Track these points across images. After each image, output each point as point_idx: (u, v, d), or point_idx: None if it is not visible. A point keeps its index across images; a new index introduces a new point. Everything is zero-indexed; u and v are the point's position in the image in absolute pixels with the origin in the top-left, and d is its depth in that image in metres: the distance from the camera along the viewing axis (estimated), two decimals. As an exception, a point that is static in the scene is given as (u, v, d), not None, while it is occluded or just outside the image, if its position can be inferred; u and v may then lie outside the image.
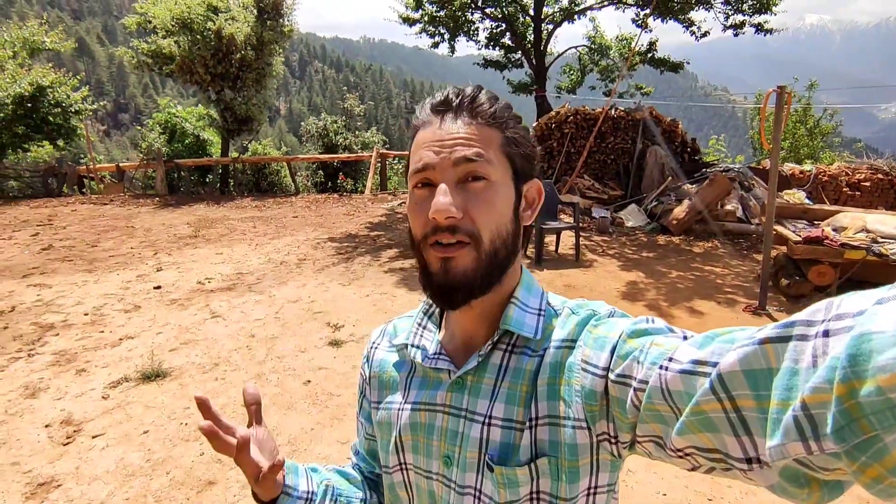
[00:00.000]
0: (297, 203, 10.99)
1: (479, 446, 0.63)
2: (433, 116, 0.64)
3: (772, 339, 0.37)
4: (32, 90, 11.92)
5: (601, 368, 0.55)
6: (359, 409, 0.84)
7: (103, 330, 4.33)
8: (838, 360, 0.31)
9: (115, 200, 11.12)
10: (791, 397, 0.35)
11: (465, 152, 0.60)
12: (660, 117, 9.90)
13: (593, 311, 0.63)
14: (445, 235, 0.60)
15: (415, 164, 0.63)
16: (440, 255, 0.61)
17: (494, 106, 0.63)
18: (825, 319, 0.35)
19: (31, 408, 3.15)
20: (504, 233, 0.62)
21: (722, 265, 6.51)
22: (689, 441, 0.44)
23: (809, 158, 13.43)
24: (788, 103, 4.59)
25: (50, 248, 7.05)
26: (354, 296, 5.16)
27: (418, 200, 0.62)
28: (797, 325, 0.36)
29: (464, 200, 0.60)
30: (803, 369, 0.35)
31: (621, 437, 0.54)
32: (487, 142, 0.62)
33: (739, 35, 11.25)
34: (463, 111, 0.63)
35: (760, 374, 0.38)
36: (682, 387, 0.44)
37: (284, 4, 12.67)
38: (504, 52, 13.56)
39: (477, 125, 0.62)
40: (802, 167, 9.72)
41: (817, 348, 0.34)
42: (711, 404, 0.41)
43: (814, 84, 15.63)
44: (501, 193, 0.62)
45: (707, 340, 0.45)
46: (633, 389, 0.50)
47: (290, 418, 3.05)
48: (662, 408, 0.46)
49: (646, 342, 0.51)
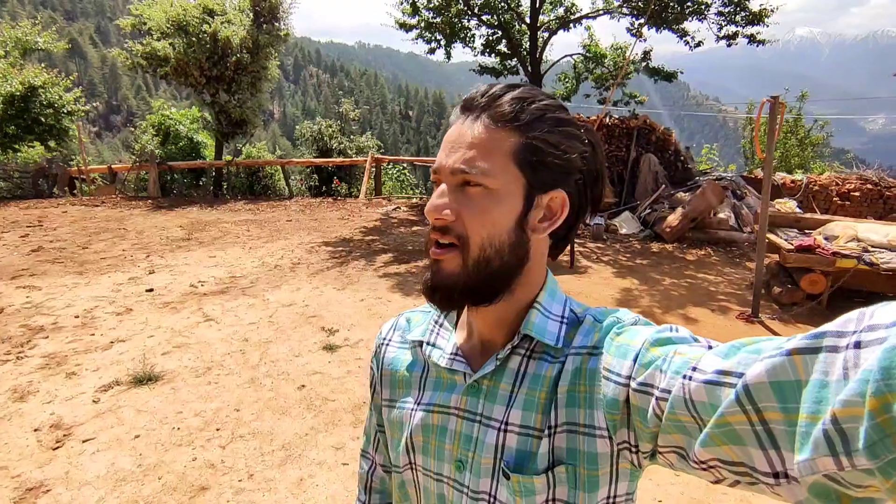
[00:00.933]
0: (292, 207, 10.95)
1: (495, 452, 0.62)
2: (459, 115, 0.63)
3: (801, 351, 0.36)
4: (24, 90, 11.82)
5: (623, 377, 0.53)
6: (371, 405, 0.83)
7: (94, 333, 4.28)
8: (871, 372, 0.30)
9: (106, 202, 11.02)
10: (821, 411, 0.34)
11: (458, 161, 0.59)
12: (653, 126, 9.99)
13: (617, 319, 0.61)
14: (438, 235, 0.61)
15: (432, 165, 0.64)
16: (432, 255, 0.62)
17: (518, 106, 0.59)
18: (857, 330, 0.33)
19: (19, 411, 3.09)
20: (498, 242, 0.60)
21: (715, 273, 6.56)
22: (714, 453, 0.43)
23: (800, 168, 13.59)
24: (781, 113, 4.65)
25: (40, 249, 6.96)
26: (349, 300, 5.14)
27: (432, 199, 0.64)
28: (827, 335, 0.35)
29: (458, 204, 0.59)
30: (833, 382, 0.34)
31: (642, 447, 0.53)
32: (494, 148, 0.59)
33: (732, 46, 11.38)
34: (482, 111, 0.60)
35: (788, 387, 0.37)
36: (706, 397, 0.43)
37: (280, 8, 12.68)
38: (500, 59, 13.62)
39: (489, 129, 0.59)
40: (793, 177, 9.83)
41: (848, 360, 0.33)
42: (737, 416, 0.40)
43: (804, 95, 15.85)
44: (500, 202, 0.59)
45: (732, 350, 0.44)
46: (655, 398, 0.49)
47: (285, 423, 3.02)
48: (685, 418, 0.45)
49: (669, 351, 0.50)
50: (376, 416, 0.81)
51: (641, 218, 8.86)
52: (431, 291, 0.62)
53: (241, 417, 3.07)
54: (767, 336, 0.43)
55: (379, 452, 0.84)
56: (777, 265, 5.63)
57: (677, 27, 11.19)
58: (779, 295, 5.35)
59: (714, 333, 4.59)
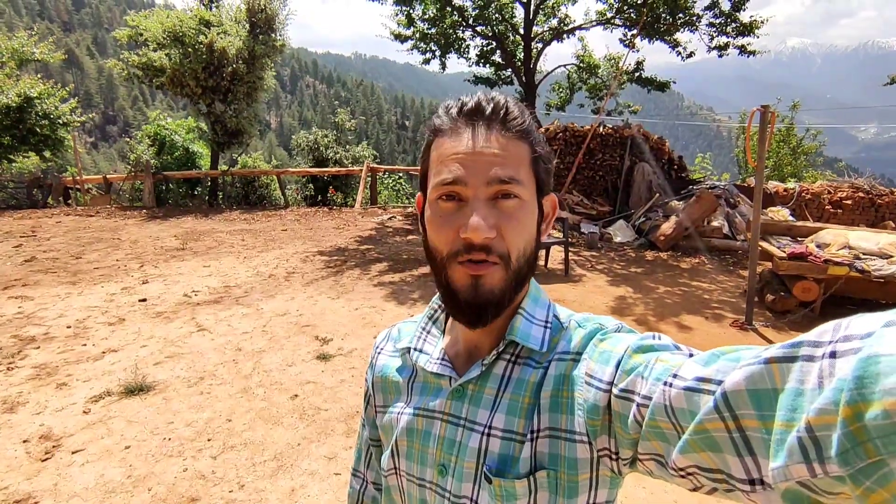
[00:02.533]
0: (287, 216, 10.95)
1: (478, 457, 0.62)
2: (463, 125, 0.61)
3: (778, 359, 0.37)
4: (20, 101, 11.82)
5: (605, 383, 0.54)
6: (363, 418, 0.83)
7: (86, 343, 4.25)
8: (845, 381, 0.30)
9: (101, 212, 10.99)
10: (796, 418, 0.34)
11: (499, 172, 0.58)
12: (647, 135, 10.07)
13: (600, 325, 0.62)
14: (480, 254, 0.58)
15: (442, 176, 0.60)
16: (471, 272, 0.59)
17: (525, 118, 0.61)
18: (832, 340, 0.34)
19: (8, 422, 3.06)
20: (529, 250, 0.61)
21: (709, 280, 6.58)
22: (692, 460, 0.43)
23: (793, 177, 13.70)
24: (772, 122, 4.69)
25: (33, 259, 6.93)
26: (343, 309, 5.13)
27: (444, 214, 0.60)
28: (804, 345, 0.36)
29: (496, 219, 0.58)
30: (809, 390, 0.34)
31: (622, 454, 0.53)
32: (519, 159, 0.60)
33: (724, 56, 11.53)
34: (495, 122, 0.60)
35: (765, 394, 0.37)
36: (685, 404, 0.43)
37: (277, 19, 12.77)
38: (494, 70, 13.76)
39: (509, 140, 0.60)
40: (786, 185, 9.91)
41: (824, 369, 0.33)
42: (715, 423, 0.40)
43: (796, 105, 16.03)
44: (530, 211, 0.61)
45: (712, 358, 0.44)
46: (636, 405, 0.49)
47: (277, 433, 3.00)
48: (665, 425, 0.45)
49: (651, 358, 0.51)
50: (369, 430, 0.82)
51: (636, 226, 8.90)
52: (479, 309, 0.60)
53: (233, 427, 3.04)
54: (751, 345, 0.44)
55: (370, 469, 0.84)
56: (770, 273, 5.66)
57: (669, 38, 11.34)
58: (772, 302, 5.37)
59: (708, 341, 4.60)
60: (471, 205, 0.58)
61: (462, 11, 11.84)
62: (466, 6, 11.85)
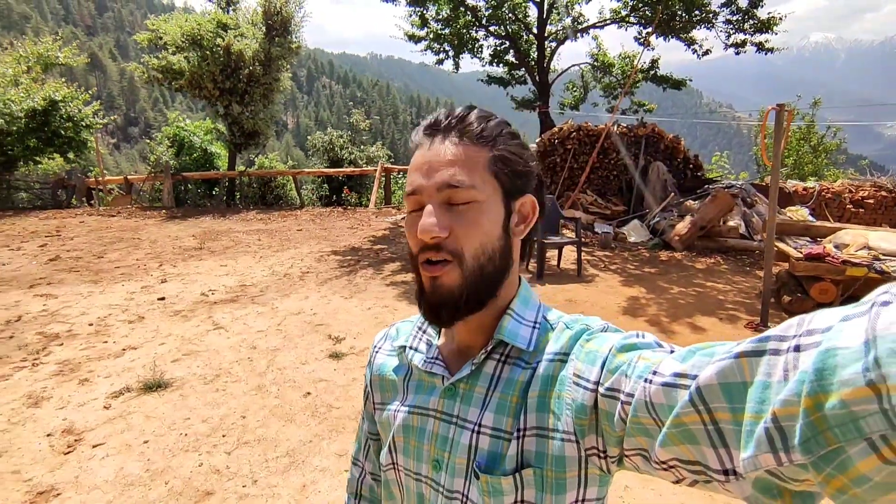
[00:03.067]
0: (302, 216, 11.07)
1: (468, 453, 0.64)
2: (425, 138, 0.66)
3: (747, 354, 0.39)
4: (45, 104, 12.15)
5: (592, 382, 0.56)
6: (363, 413, 0.86)
7: (107, 340, 4.37)
8: (806, 374, 0.32)
9: (122, 212, 11.25)
10: (763, 410, 0.36)
11: (446, 178, 0.62)
12: (662, 134, 9.97)
13: (586, 326, 0.64)
14: (432, 253, 0.62)
15: (407, 188, 0.65)
16: (428, 274, 0.63)
17: (483, 125, 0.64)
18: (797, 335, 0.36)
19: (33, 417, 3.18)
20: (490, 249, 0.63)
21: (724, 281, 6.50)
22: (672, 453, 0.45)
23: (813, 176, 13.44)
24: (789, 121, 4.63)
25: (57, 258, 7.13)
26: (356, 308, 5.19)
27: (411, 221, 0.65)
28: (771, 339, 0.38)
29: (449, 220, 0.62)
30: (775, 383, 0.36)
31: (610, 452, 0.55)
32: (473, 163, 0.63)
33: (741, 53, 11.36)
34: (451, 131, 0.64)
35: (736, 388, 0.39)
36: (664, 399, 0.45)
37: (292, 22, 12.91)
38: (508, 69, 13.73)
39: (464, 146, 0.63)
40: (806, 184, 9.73)
41: (788, 362, 0.35)
42: (691, 416, 0.42)
43: (817, 102, 15.70)
44: (488, 212, 0.63)
45: (689, 354, 0.46)
46: (621, 403, 0.51)
47: (290, 430, 3.06)
48: (647, 420, 0.47)
49: (634, 356, 0.52)
50: (368, 423, 0.85)
51: (650, 226, 8.82)
52: (436, 309, 0.64)
53: (247, 424, 3.12)
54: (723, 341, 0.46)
55: (369, 460, 0.87)
56: (787, 274, 5.58)
57: (685, 36, 11.20)
58: (788, 304, 5.29)
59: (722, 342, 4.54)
60: (424, 210, 0.62)
61: (475, 11, 11.85)
62: (480, 6, 11.85)
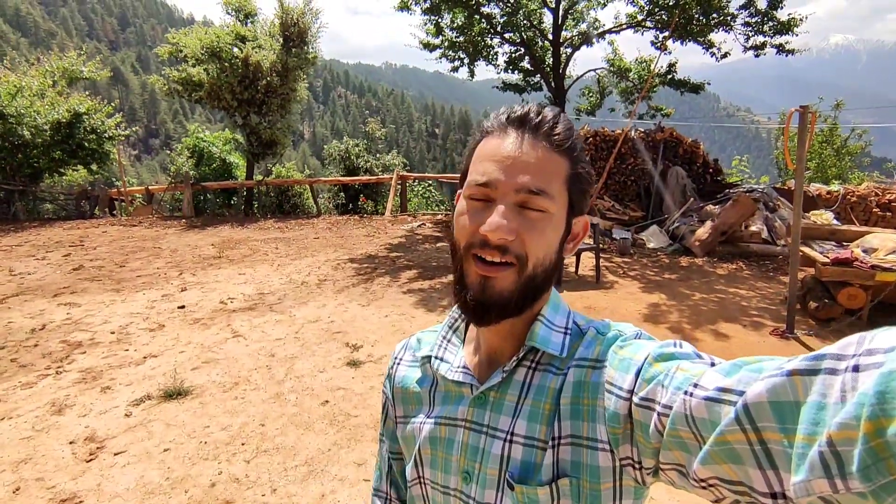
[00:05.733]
0: (319, 224, 11.15)
1: (500, 463, 0.62)
2: (510, 129, 0.62)
3: (800, 372, 0.37)
4: (70, 116, 12.46)
5: (625, 391, 0.54)
6: (381, 432, 0.83)
7: (128, 348, 4.42)
8: (867, 396, 0.30)
9: (143, 222, 11.45)
10: (817, 432, 0.34)
11: (530, 183, 0.59)
12: (680, 138, 9.85)
13: (619, 332, 0.62)
14: (493, 253, 0.59)
15: (476, 176, 0.61)
16: (482, 272, 0.60)
17: (569, 135, 0.62)
18: (856, 354, 0.34)
19: (56, 424, 3.21)
20: (548, 262, 0.62)
21: (747, 287, 6.36)
22: (713, 471, 0.43)
23: (837, 179, 13.14)
24: (812, 123, 4.53)
25: (80, 268, 7.27)
26: (373, 316, 5.18)
27: (471, 209, 0.62)
28: (827, 358, 0.36)
29: (518, 224, 0.59)
30: (831, 404, 0.34)
31: (645, 463, 0.53)
32: (554, 173, 0.61)
33: (761, 56, 11.19)
34: (539, 133, 0.61)
35: (787, 407, 0.37)
36: (706, 414, 0.43)
37: (309, 33, 13.08)
38: (523, 76, 13.71)
39: (549, 152, 0.61)
40: (830, 187, 9.51)
41: (846, 383, 0.33)
42: (736, 435, 0.40)
43: (840, 104, 15.37)
44: (554, 225, 0.62)
45: (734, 368, 0.44)
46: (657, 414, 0.49)
47: (308, 438, 3.05)
48: (686, 435, 0.45)
49: (671, 366, 0.50)
50: (388, 443, 0.82)
51: (669, 231, 8.69)
52: (483, 308, 0.61)
53: (266, 432, 3.11)
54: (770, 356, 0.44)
55: (394, 486, 0.83)
56: (813, 279, 5.43)
57: (703, 39, 11.08)
58: (815, 310, 5.15)
59: (746, 349, 4.44)
60: (496, 206, 0.59)
61: (490, 19, 11.87)
62: (494, 13, 11.87)
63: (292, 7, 12.86)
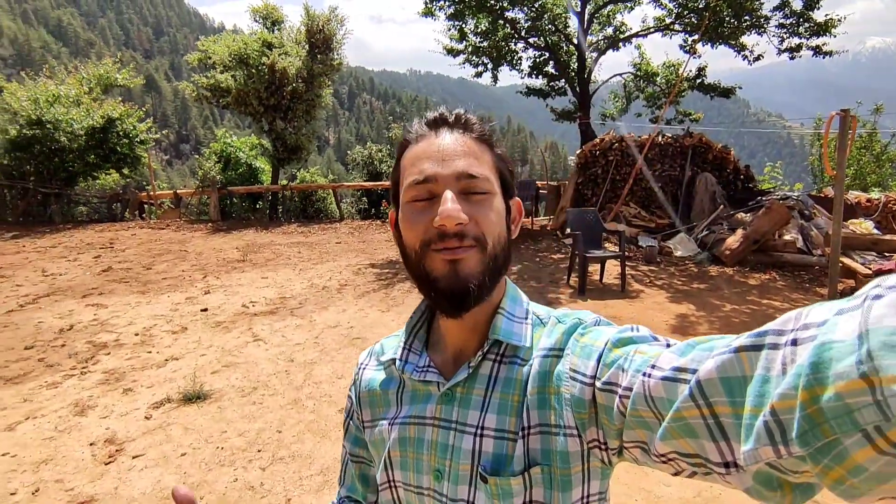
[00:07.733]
0: (341, 229, 11.21)
1: (472, 458, 0.62)
2: (428, 130, 0.66)
3: (746, 348, 0.39)
4: (103, 122, 12.83)
5: (588, 377, 0.56)
6: (344, 436, 0.82)
7: (151, 350, 4.46)
8: (803, 367, 0.32)
9: (171, 225, 11.68)
10: (762, 403, 0.36)
11: (467, 167, 0.62)
12: (710, 144, 9.59)
13: (579, 320, 0.64)
14: (453, 241, 0.60)
15: (415, 176, 0.63)
16: (449, 256, 0.60)
17: (483, 126, 0.67)
18: (794, 329, 0.36)
19: (78, 425, 3.24)
20: (503, 241, 0.64)
21: (781, 298, 6.11)
22: (672, 446, 0.45)
23: (877, 186, 12.61)
24: (853, 127, 4.32)
25: (109, 269, 7.42)
26: (393, 322, 5.13)
27: (416, 211, 0.63)
28: (769, 334, 0.38)
29: (469, 209, 0.61)
30: (774, 377, 0.36)
31: (610, 444, 0.55)
32: (483, 158, 0.65)
33: (795, 59, 10.84)
34: (459, 127, 0.66)
35: (735, 382, 0.39)
36: (664, 393, 0.45)
37: (334, 40, 13.24)
38: (547, 81, 13.59)
39: (473, 141, 0.65)
40: (869, 195, 9.12)
41: (786, 356, 0.35)
42: (691, 410, 0.42)
43: (880, 108, 14.78)
44: (498, 205, 0.65)
45: (688, 348, 0.46)
46: (619, 396, 0.51)
47: (325, 447, 3.00)
48: (646, 414, 0.47)
49: (630, 350, 0.53)
50: (350, 447, 0.81)
51: (698, 240, 8.44)
52: (459, 295, 0.61)
53: (283, 439, 3.08)
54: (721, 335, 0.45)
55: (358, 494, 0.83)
56: (853, 291, 5.18)
57: (734, 41, 10.80)
58: (855, 323, 4.90)
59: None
60: (442, 196, 0.60)
61: (514, 24, 11.80)
62: (519, 18, 11.80)
63: (318, 14, 13.02)
